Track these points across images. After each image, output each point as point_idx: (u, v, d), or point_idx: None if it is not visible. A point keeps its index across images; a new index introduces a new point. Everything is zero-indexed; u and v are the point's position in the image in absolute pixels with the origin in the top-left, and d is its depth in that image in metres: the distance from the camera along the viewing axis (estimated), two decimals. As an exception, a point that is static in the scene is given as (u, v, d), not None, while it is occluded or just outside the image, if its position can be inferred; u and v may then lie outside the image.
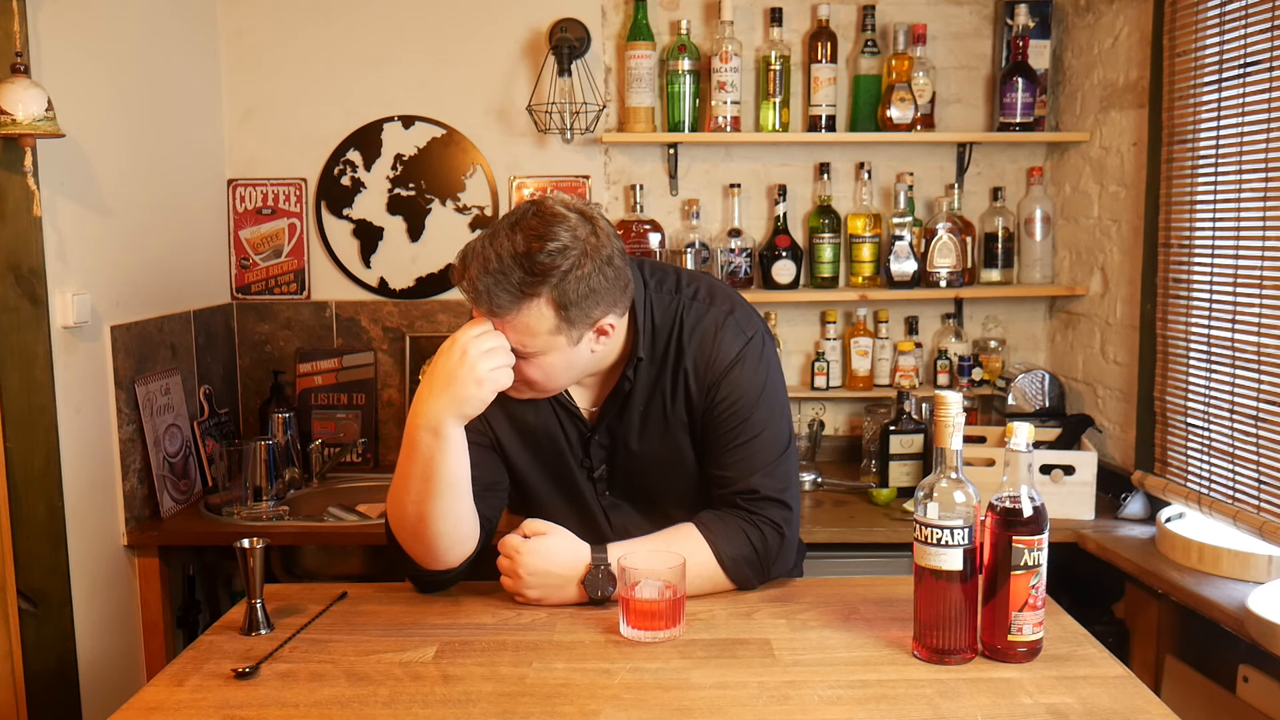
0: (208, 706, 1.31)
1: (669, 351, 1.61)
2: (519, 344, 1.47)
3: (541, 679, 1.36)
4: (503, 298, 1.42)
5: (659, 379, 1.62)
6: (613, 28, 3.02)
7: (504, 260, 1.42)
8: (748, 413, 1.61)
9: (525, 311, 1.44)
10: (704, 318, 1.62)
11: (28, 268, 2.12)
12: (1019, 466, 1.37)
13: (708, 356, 1.60)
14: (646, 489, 1.68)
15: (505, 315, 1.44)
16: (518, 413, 1.64)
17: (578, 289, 1.44)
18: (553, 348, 1.48)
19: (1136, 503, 2.55)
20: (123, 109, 2.49)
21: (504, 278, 1.42)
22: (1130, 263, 2.68)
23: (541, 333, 1.45)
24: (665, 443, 1.64)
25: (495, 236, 1.44)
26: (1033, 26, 2.93)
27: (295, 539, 2.59)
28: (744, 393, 1.60)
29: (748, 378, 1.61)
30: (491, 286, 1.42)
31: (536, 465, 1.67)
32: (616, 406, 1.63)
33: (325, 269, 3.08)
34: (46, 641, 2.17)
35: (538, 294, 1.42)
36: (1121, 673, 1.38)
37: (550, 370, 1.51)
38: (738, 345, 1.61)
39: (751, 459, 1.61)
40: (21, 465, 2.13)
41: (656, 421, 1.63)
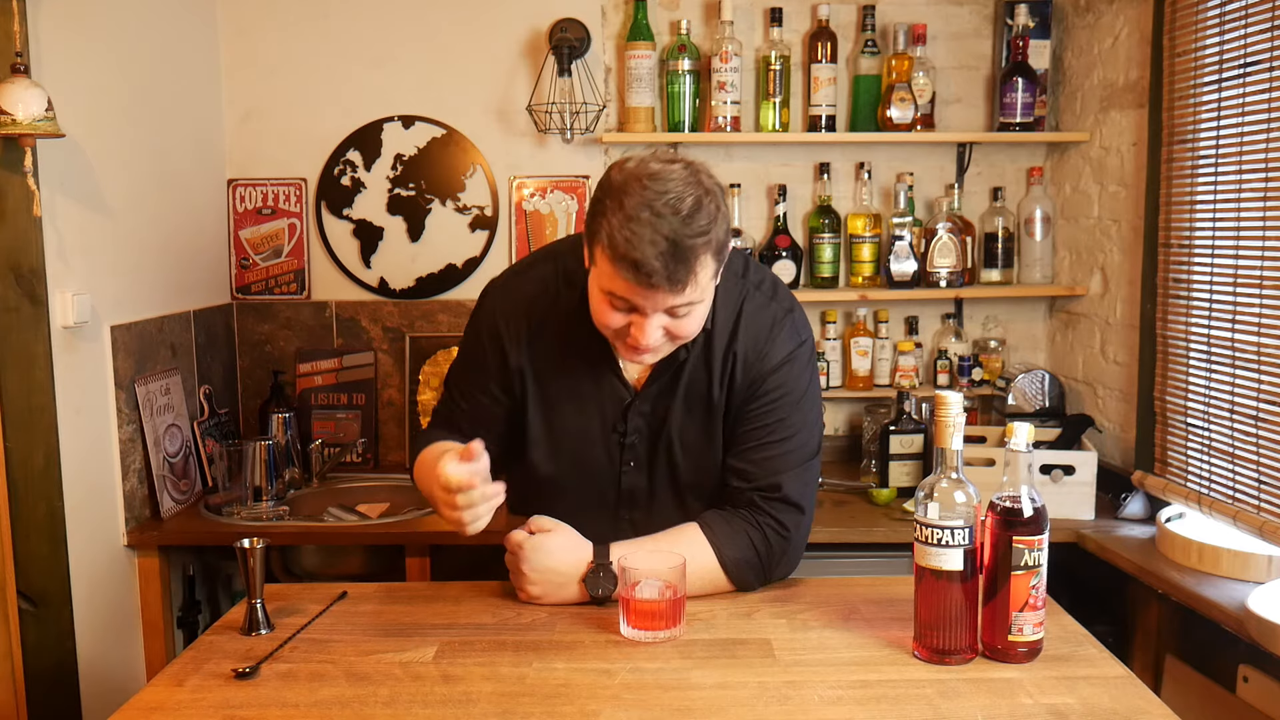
0: (208, 706, 1.31)
1: (725, 333, 1.62)
2: (688, 304, 1.45)
3: (541, 679, 1.36)
4: (686, 267, 1.40)
5: (709, 358, 1.63)
6: (613, 28, 3.02)
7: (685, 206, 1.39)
8: (787, 412, 1.62)
9: (702, 268, 1.43)
10: (764, 309, 1.64)
11: (28, 268, 2.12)
12: (1019, 466, 1.37)
13: (761, 350, 1.62)
14: (670, 465, 1.67)
15: (685, 281, 1.41)
16: (568, 375, 1.64)
17: (724, 223, 1.45)
18: (708, 295, 1.50)
19: (1136, 503, 2.55)
20: (123, 109, 2.49)
21: (688, 224, 1.39)
22: (1130, 263, 2.68)
23: (705, 284, 1.46)
24: (701, 424, 1.65)
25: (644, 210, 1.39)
26: (1033, 26, 2.93)
27: (295, 539, 2.59)
28: (788, 391, 1.62)
29: (795, 378, 1.63)
30: (678, 253, 1.39)
31: (566, 427, 1.66)
32: (667, 376, 1.63)
33: (325, 269, 3.08)
34: (46, 641, 2.17)
35: (710, 243, 1.42)
36: (1121, 673, 1.38)
37: (700, 319, 1.52)
38: (791, 345, 1.63)
39: (783, 459, 1.63)
40: (21, 465, 2.13)
41: (699, 401, 1.64)
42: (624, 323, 1.49)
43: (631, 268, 1.39)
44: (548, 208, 3.05)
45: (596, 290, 1.50)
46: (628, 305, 1.46)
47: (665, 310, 1.46)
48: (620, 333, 1.51)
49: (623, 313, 1.48)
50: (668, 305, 1.45)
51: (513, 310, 1.66)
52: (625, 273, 1.41)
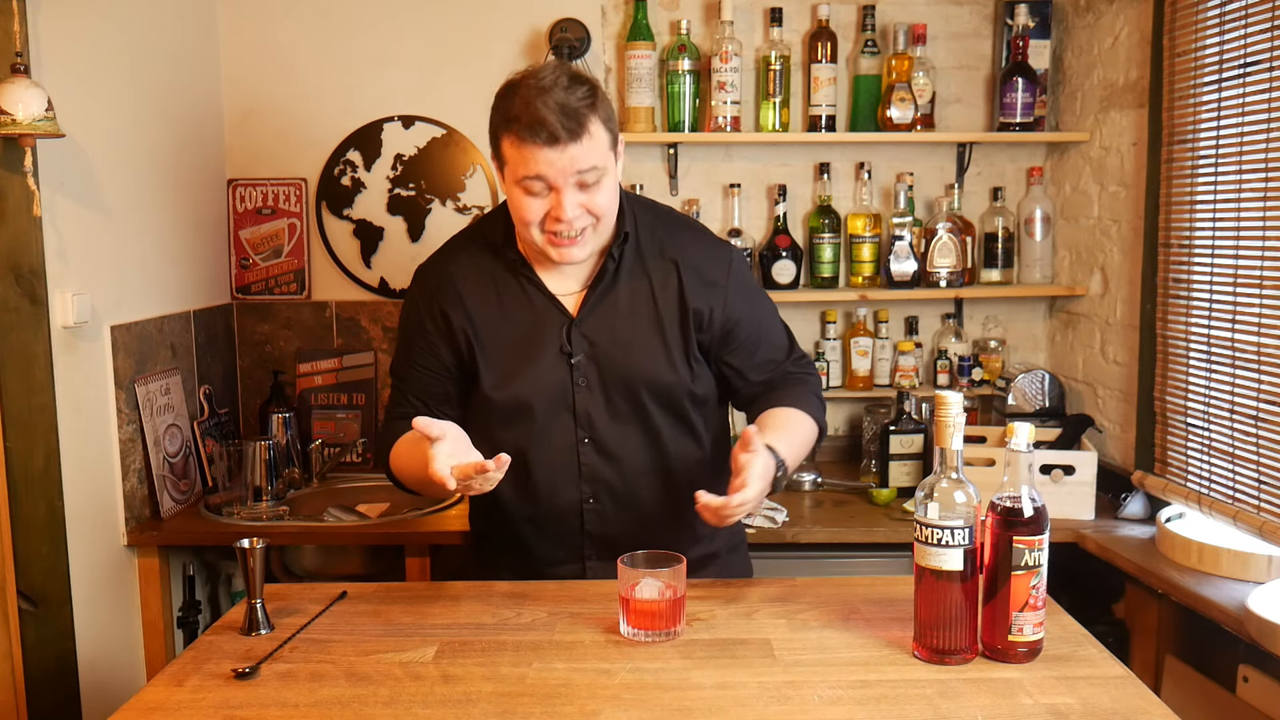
0: (208, 706, 1.31)
1: (654, 242, 1.74)
2: (593, 168, 1.58)
3: (541, 679, 1.36)
4: (576, 119, 1.54)
5: (644, 265, 1.73)
6: (613, 28, 3.02)
7: (563, 82, 1.55)
8: (760, 305, 1.82)
9: (593, 128, 1.56)
10: (681, 227, 1.80)
11: (28, 268, 2.12)
12: (1019, 466, 1.37)
13: (705, 263, 1.74)
14: (624, 380, 1.70)
15: (580, 137, 1.55)
16: (508, 317, 1.72)
17: (608, 105, 1.62)
18: (609, 167, 1.62)
19: (1136, 503, 2.55)
20: (123, 109, 2.49)
21: (575, 100, 1.54)
22: (1130, 263, 2.68)
23: (603, 150, 1.59)
24: (651, 333, 1.71)
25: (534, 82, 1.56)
26: (1033, 26, 2.93)
27: (295, 539, 2.59)
28: (752, 288, 1.81)
29: (747, 275, 1.81)
30: (567, 110, 1.53)
31: (515, 363, 1.71)
32: (602, 286, 1.71)
33: (325, 269, 3.08)
34: (46, 641, 2.17)
35: (596, 111, 1.57)
36: (1121, 673, 1.38)
37: (611, 193, 1.63)
38: (726, 250, 1.80)
39: (780, 334, 1.84)
40: (21, 465, 2.13)
41: (644, 311, 1.71)
42: (545, 208, 1.59)
43: (532, 129, 1.53)
44: (548, 208, 3.04)
45: (513, 190, 1.61)
46: (543, 184, 1.58)
47: (576, 182, 1.58)
48: (545, 224, 1.60)
49: (539, 197, 1.59)
50: (576, 169, 1.56)
51: (439, 279, 1.76)
52: (529, 139, 1.54)
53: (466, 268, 1.75)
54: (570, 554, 1.75)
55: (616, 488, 1.72)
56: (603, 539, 1.73)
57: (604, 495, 1.72)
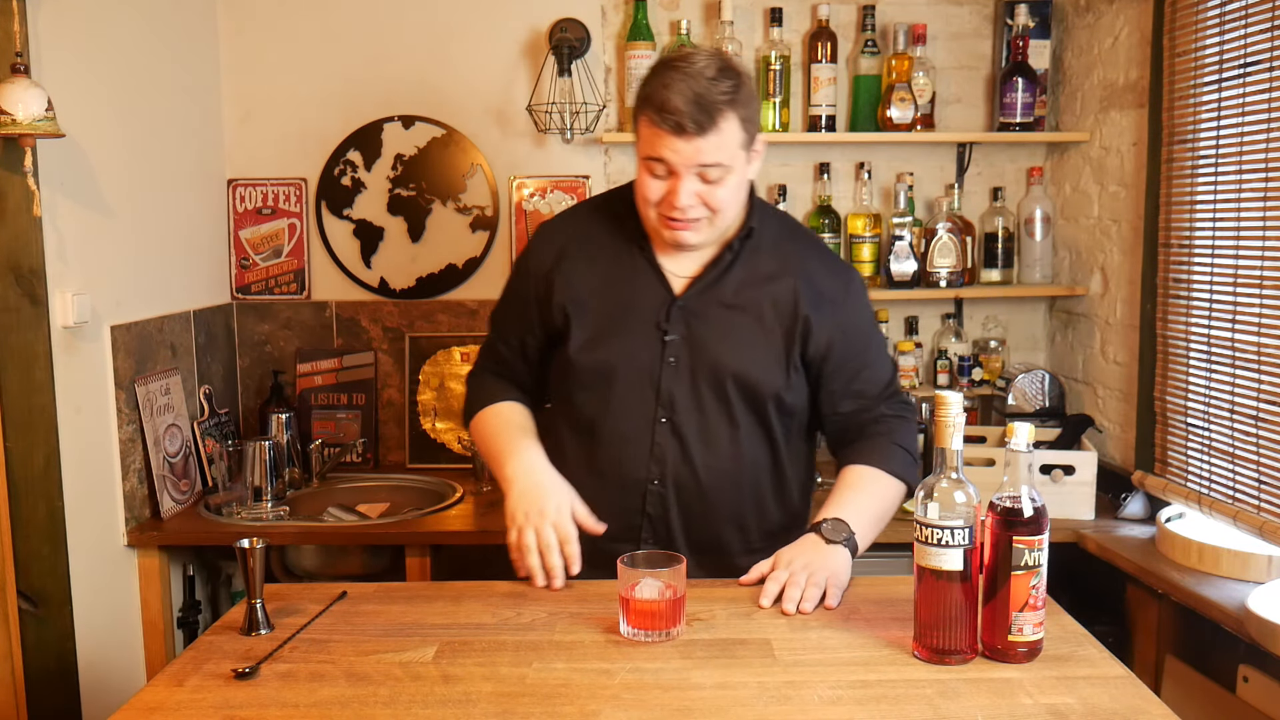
0: (208, 706, 1.31)
1: (778, 246, 1.74)
2: (716, 164, 1.59)
3: (541, 679, 1.36)
4: (709, 113, 1.56)
5: (761, 265, 1.73)
6: (613, 28, 3.02)
7: (709, 73, 1.57)
8: (875, 334, 1.82)
9: (725, 125, 1.57)
10: (809, 241, 1.83)
11: (28, 268, 2.12)
12: (1019, 466, 1.37)
13: (824, 280, 1.74)
14: (715, 364, 1.70)
15: (708, 132, 1.56)
16: (612, 284, 1.74)
17: (753, 107, 1.64)
18: (736, 164, 1.62)
19: (1136, 503, 2.55)
20: (123, 109, 2.49)
21: (714, 93, 1.56)
22: (1130, 263, 2.68)
23: (734, 146, 1.60)
24: (749, 327, 1.71)
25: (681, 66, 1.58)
26: (1033, 26, 2.93)
27: (295, 539, 2.59)
28: (867, 317, 1.80)
29: (864, 302, 1.80)
30: (702, 101, 1.55)
31: (609, 329, 1.72)
32: (713, 274, 1.71)
33: (325, 269, 3.08)
34: (46, 641, 2.17)
35: (734, 108, 1.58)
36: (1121, 673, 1.38)
37: (733, 190, 1.64)
38: (849, 272, 1.80)
39: (882, 367, 1.80)
40: (21, 465, 2.13)
41: (750, 303, 1.71)
42: (663, 191, 1.62)
43: (660, 113, 1.56)
44: (548, 208, 3.05)
45: (639, 167, 1.65)
46: (665, 169, 1.60)
47: (697, 173, 1.59)
48: (661, 206, 1.63)
49: (661, 179, 1.62)
50: (698, 161, 1.58)
51: (555, 238, 1.80)
52: (657, 122, 1.57)
53: (585, 231, 1.78)
54: (627, 533, 1.73)
55: (684, 474, 1.71)
56: (662, 523, 1.73)
57: (670, 479, 1.71)
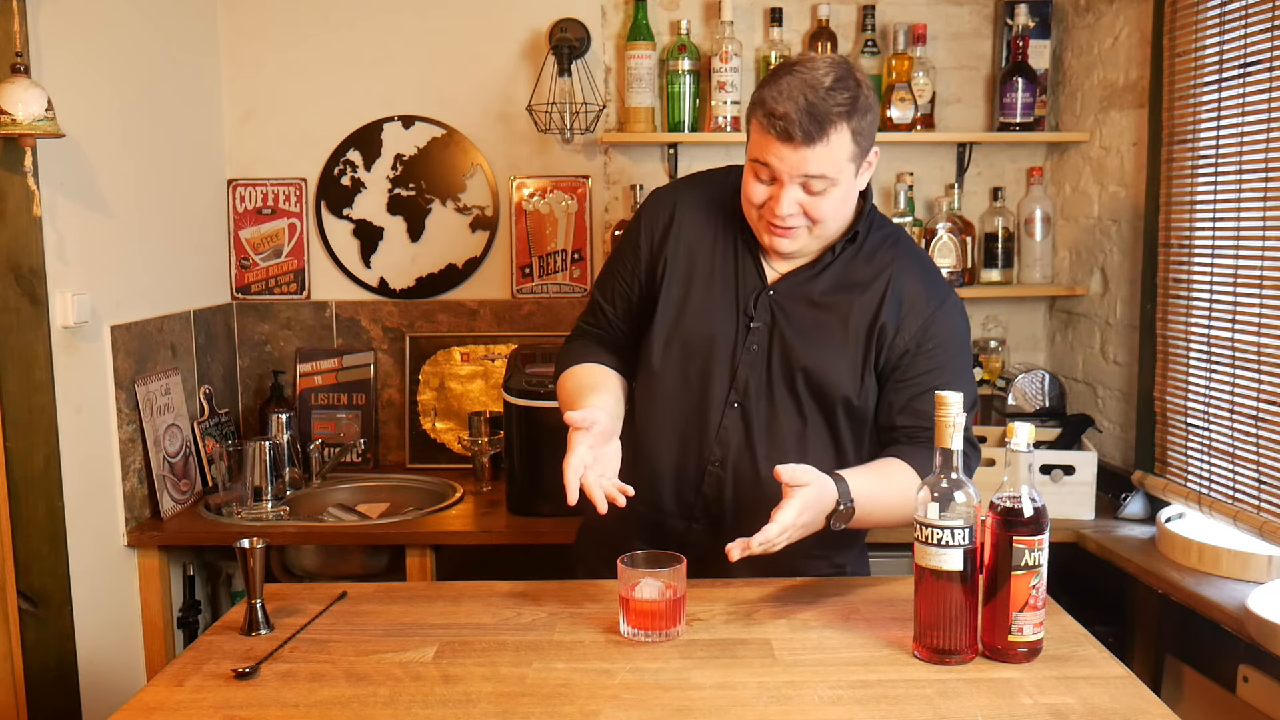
0: (208, 706, 1.31)
1: (879, 255, 1.71)
2: (821, 176, 1.57)
3: (541, 679, 1.36)
4: (820, 123, 1.53)
5: (859, 271, 1.70)
6: (613, 28, 3.02)
7: (827, 82, 1.54)
8: (957, 360, 1.71)
9: (835, 137, 1.55)
10: (916, 256, 1.76)
11: (28, 268, 2.12)
12: (1019, 466, 1.37)
13: (916, 293, 1.69)
14: (791, 357, 1.69)
15: (816, 143, 1.54)
16: (711, 259, 1.73)
17: (869, 121, 1.59)
18: (843, 178, 1.59)
19: (1136, 503, 2.55)
20: (123, 109, 2.49)
21: (829, 104, 1.53)
22: (1130, 263, 2.68)
23: (843, 160, 1.57)
24: (835, 335, 1.69)
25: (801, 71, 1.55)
26: (1033, 26, 2.93)
27: (295, 539, 2.59)
28: (954, 339, 1.71)
29: (954, 325, 1.72)
30: (815, 110, 1.52)
31: (698, 301, 1.72)
32: (808, 274, 1.70)
33: (325, 269, 3.08)
34: (46, 641, 2.17)
35: (847, 120, 1.55)
36: (1121, 673, 1.38)
37: (837, 202, 1.61)
38: (945, 292, 1.73)
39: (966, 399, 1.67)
40: (21, 465, 2.13)
41: (839, 306, 1.69)
42: (765, 195, 1.61)
43: (770, 119, 1.55)
44: (548, 208, 3.05)
45: (747, 168, 1.63)
46: (769, 174, 1.59)
47: (801, 183, 1.58)
48: (763, 210, 1.62)
49: (765, 184, 1.61)
50: (803, 171, 1.56)
51: (666, 208, 1.78)
52: (766, 127, 1.56)
53: (697, 206, 1.77)
54: (682, 509, 1.73)
55: (744, 460, 1.70)
56: (716, 505, 1.72)
57: (730, 463, 1.70)
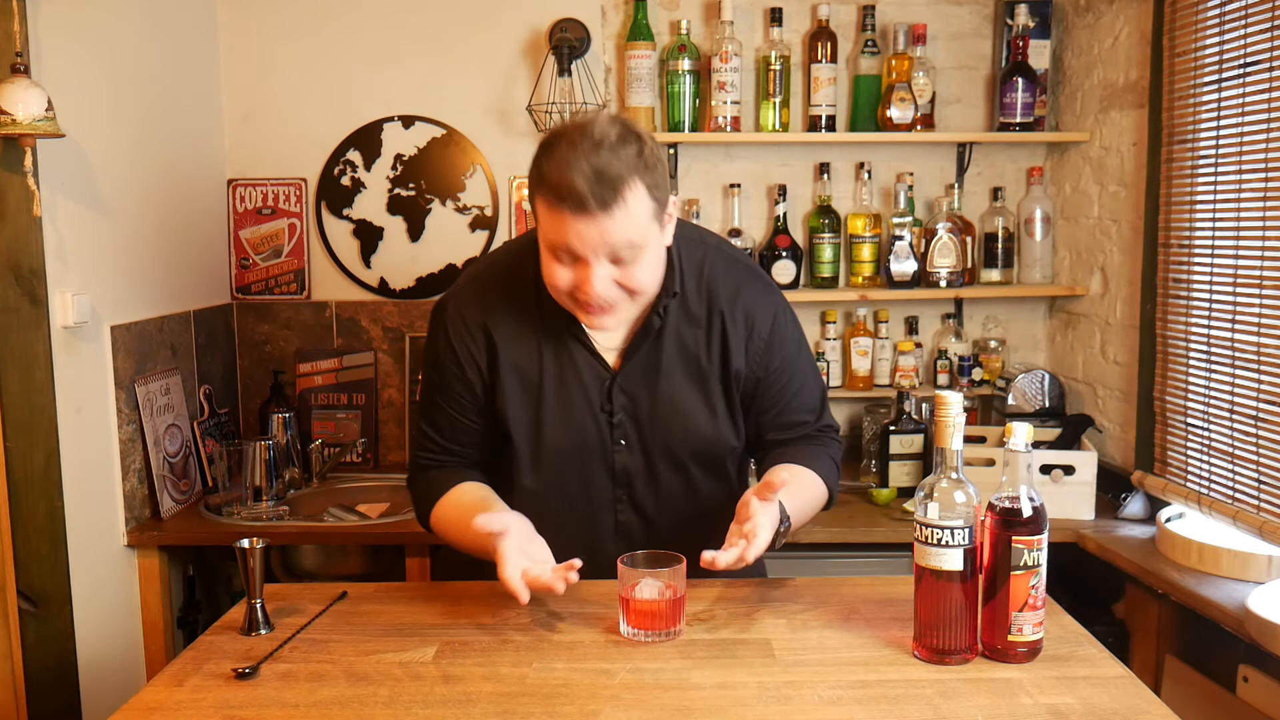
0: (208, 706, 1.31)
1: (701, 297, 1.64)
2: (628, 243, 1.46)
3: (541, 679, 1.36)
4: (612, 185, 1.41)
5: (691, 322, 1.64)
6: (613, 28, 3.02)
7: (608, 142, 1.42)
8: (798, 360, 1.72)
9: (631, 195, 1.43)
10: (732, 268, 1.68)
11: (28, 268, 2.12)
12: (1019, 466, 1.37)
13: (750, 313, 1.65)
14: (665, 439, 1.65)
15: (612, 207, 1.42)
16: (543, 365, 1.63)
17: (658, 173, 1.47)
18: (650, 239, 1.49)
19: (1136, 503, 2.55)
20: (123, 109, 2.49)
21: (614, 163, 1.41)
22: (1130, 263, 2.68)
23: (643, 221, 1.46)
24: (695, 392, 1.65)
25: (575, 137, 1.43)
26: (1033, 26, 2.93)
27: (295, 539, 2.59)
28: (794, 342, 1.71)
29: (790, 327, 1.71)
30: (603, 174, 1.41)
31: (549, 416, 1.63)
32: (646, 346, 1.63)
33: (325, 269, 3.08)
34: (46, 641, 2.18)
35: (639, 174, 1.43)
36: (1121, 673, 1.38)
37: (652, 267, 1.52)
38: (773, 299, 1.70)
39: (810, 396, 1.74)
40: (21, 465, 2.13)
41: (689, 370, 1.64)
42: (572, 279, 1.49)
43: (559, 196, 1.42)
44: (548, 208, 3.04)
45: (544, 252, 1.51)
46: (571, 256, 1.47)
47: (608, 256, 1.46)
48: (573, 294, 1.50)
49: (568, 267, 1.49)
50: (607, 244, 1.45)
51: (470, 318, 1.64)
52: (557, 205, 1.43)
53: (501, 310, 1.64)
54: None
55: (651, 543, 1.65)
56: None
57: (637, 546, 1.64)
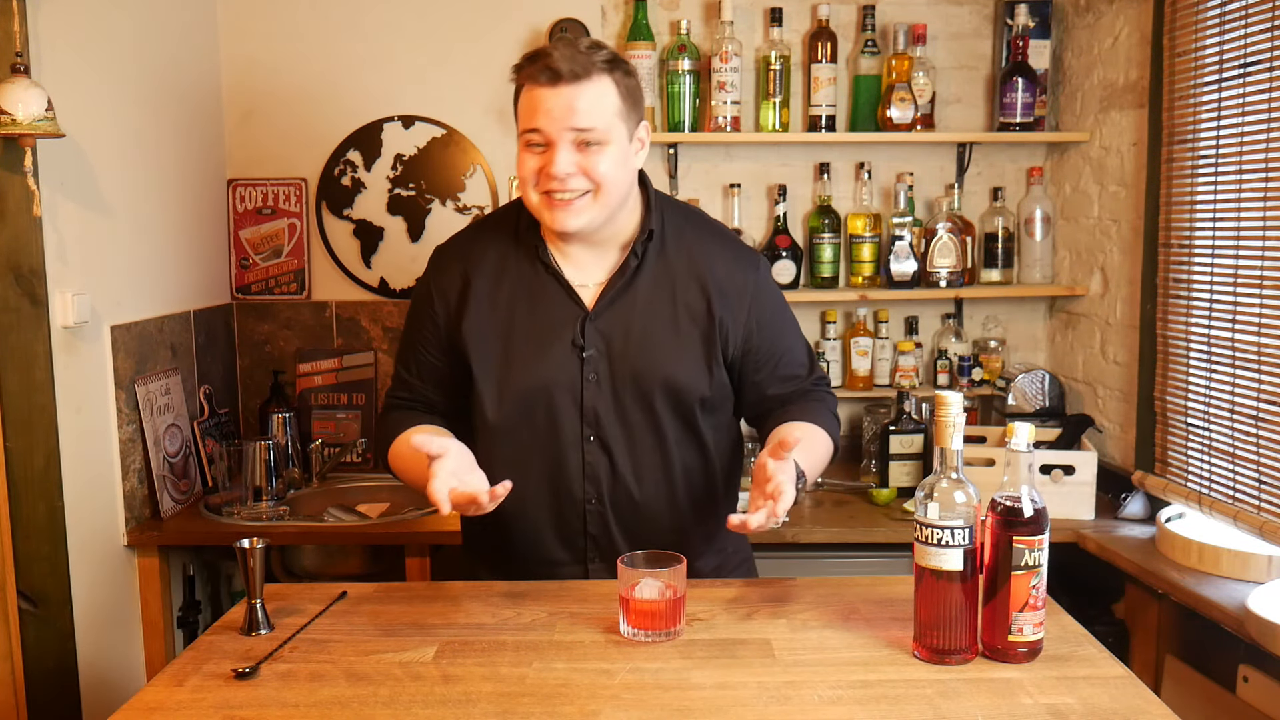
0: (208, 706, 1.31)
1: (681, 244, 1.72)
2: (592, 124, 1.57)
3: (541, 679, 1.36)
4: (583, 64, 1.56)
5: (669, 266, 1.71)
6: (613, 28, 3.02)
7: (587, 44, 1.60)
8: (783, 320, 1.79)
9: (598, 81, 1.57)
10: (713, 232, 1.79)
11: (28, 268, 2.12)
12: (1019, 466, 1.37)
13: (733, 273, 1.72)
14: (634, 370, 1.68)
15: (581, 80, 1.56)
16: (503, 298, 1.70)
17: (632, 84, 1.63)
18: (615, 136, 1.60)
19: (1136, 503, 2.55)
20: (123, 109, 2.49)
21: (589, 54, 1.58)
22: (1130, 263, 2.68)
23: (608, 111, 1.59)
24: (665, 329, 1.69)
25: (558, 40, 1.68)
26: (1033, 26, 2.93)
27: (295, 539, 2.59)
28: (774, 303, 1.78)
29: (772, 288, 1.79)
30: (576, 55, 1.57)
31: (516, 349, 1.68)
32: (622, 283, 1.69)
33: (325, 269, 3.08)
34: (46, 641, 2.17)
35: (610, 72, 1.59)
36: (1121, 673, 1.38)
37: (615, 164, 1.61)
38: (755, 260, 1.77)
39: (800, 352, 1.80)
40: (21, 465, 2.13)
41: (663, 308, 1.69)
42: (539, 164, 1.59)
43: (533, 65, 1.57)
44: (548, 208, 3.04)
45: (520, 150, 1.62)
46: (542, 138, 1.58)
47: (573, 140, 1.57)
48: (540, 179, 1.60)
49: (538, 152, 1.59)
50: (572, 120, 1.56)
51: (452, 262, 1.75)
52: (531, 81, 1.57)
53: (482, 252, 1.73)
54: (573, 555, 1.73)
55: (619, 489, 1.70)
56: (605, 540, 1.72)
57: (606, 496, 1.70)
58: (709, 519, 1.77)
